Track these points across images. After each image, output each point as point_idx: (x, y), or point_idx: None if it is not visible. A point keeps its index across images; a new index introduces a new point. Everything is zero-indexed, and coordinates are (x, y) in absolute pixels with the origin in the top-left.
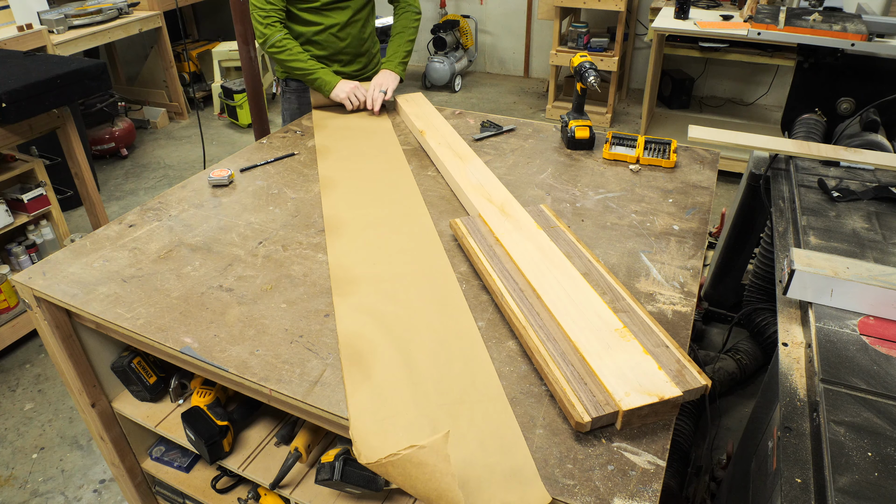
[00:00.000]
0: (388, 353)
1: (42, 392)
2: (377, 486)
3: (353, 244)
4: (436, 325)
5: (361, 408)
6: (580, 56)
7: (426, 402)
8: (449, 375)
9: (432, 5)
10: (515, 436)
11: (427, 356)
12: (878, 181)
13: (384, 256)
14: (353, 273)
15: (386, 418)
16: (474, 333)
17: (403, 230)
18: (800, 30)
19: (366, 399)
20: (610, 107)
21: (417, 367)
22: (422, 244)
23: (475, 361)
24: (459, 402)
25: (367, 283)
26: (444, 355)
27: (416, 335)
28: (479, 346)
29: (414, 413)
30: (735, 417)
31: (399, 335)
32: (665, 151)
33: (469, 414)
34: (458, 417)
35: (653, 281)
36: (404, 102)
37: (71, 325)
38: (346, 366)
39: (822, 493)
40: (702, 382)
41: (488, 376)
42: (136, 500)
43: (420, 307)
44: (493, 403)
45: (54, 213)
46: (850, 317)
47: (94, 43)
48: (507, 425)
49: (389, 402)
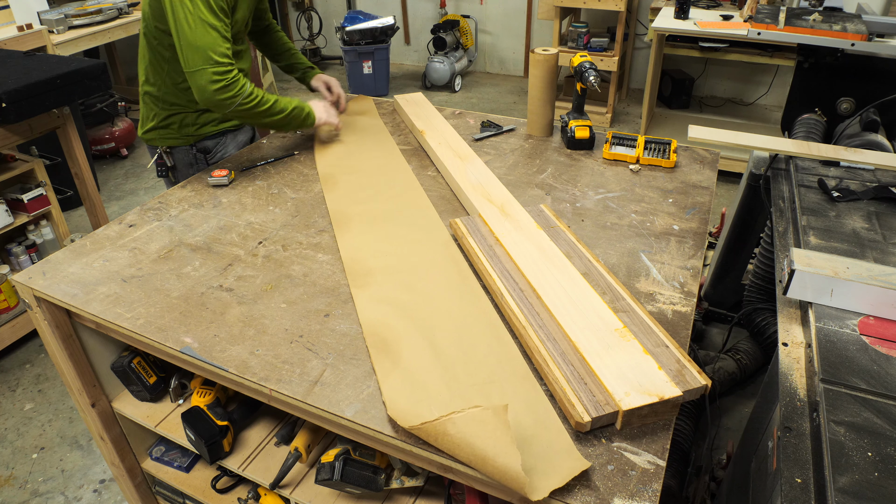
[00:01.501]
0: (413, 339)
1: (42, 392)
2: (377, 486)
3: (363, 237)
4: (455, 310)
5: (395, 392)
6: (580, 56)
7: (457, 383)
8: (475, 358)
9: (432, 5)
10: (547, 410)
11: (451, 340)
12: (878, 181)
13: (395, 247)
14: (367, 265)
15: (420, 401)
16: (493, 316)
17: (410, 222)
18: (800, 30)
19: (398, 384)
20: (610, 107)
21: (443, 351)
22: (430, 234)
23: (498, 343)
24: (489, 382)
25: (382, 274)
26: (468, 339)
27: (437, 321)
28: (500, 329)
29: (447, 394)
30: (735, 417)
31: (421, 321)
32: (665, 151)
33: (500, 392)
34: (490, 396)
35: (653, 281)
36: (404, 102)
37: (71, 325)
38: (373, 354)
39: (822, 493)
40: (702, 382)
41: (513, 356)
42: (136, 500)
43: (437, 294)
44: (521, 382)
45: (54, 213)
46: (850, 317)
47: (94, 43)
48: (538, 401)
49: (421, 385)
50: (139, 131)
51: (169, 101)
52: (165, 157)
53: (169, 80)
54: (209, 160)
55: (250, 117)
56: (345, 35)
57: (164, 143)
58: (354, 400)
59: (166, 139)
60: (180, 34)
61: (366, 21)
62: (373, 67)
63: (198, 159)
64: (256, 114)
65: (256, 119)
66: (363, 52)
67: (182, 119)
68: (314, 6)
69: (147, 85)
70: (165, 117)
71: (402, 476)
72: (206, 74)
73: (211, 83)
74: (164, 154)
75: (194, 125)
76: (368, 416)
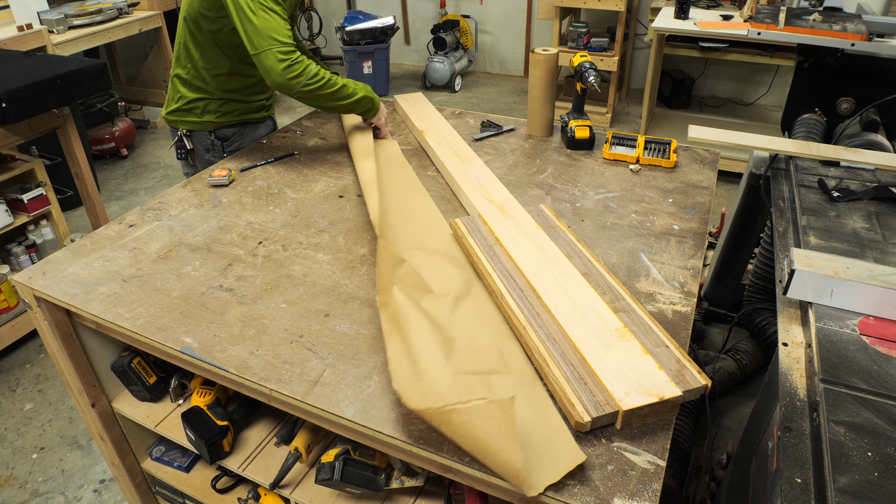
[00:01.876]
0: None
1: (42, 392)
2: (377, 486)
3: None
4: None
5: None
6: (580, 56)
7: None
8: (481, 348)
9: (432, 5)
10: (547, 404)
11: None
12: (878, 181)
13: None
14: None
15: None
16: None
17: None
18: (800, 30)
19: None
20: (610, 107)
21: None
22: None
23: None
24: (492, 373)
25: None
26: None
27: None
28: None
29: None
30: (735, 417)
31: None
32: (665, 151)
33: (501, 383)
34: (492, 387)
35: (653, 281)
36: (404, 102)
37: (71, 325)
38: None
39: (822, 493)
40: (702, 382)
41: (515, 351)
42: (136, 500)
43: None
44: (522, 376)
45: (54, 213)
46: (850, 317)
47: (94, 43)
48: (538, 394)
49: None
50: (163, 112)
51: (195, 86)
52: (185, 140)
53: (200, 64)
54: (226, 148)
55: (317, 99)
56: (345, 35)
57: (185, 126)
58: (354, 400)
59: (187, 122)
60: (243, 20)
61: (366, 21)
62: (373, 67)
63: (215, 146)
64: (322, 96)
65: (323, 102)
66: (363, 52)
67: (206, 105)
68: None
69: (178, 67)
70: (190, 101)
71: (402, 476)
72: (272, 55)
73: (279, 62)
74: (184, 137)
75: (216, 112)
76: (368, 416)
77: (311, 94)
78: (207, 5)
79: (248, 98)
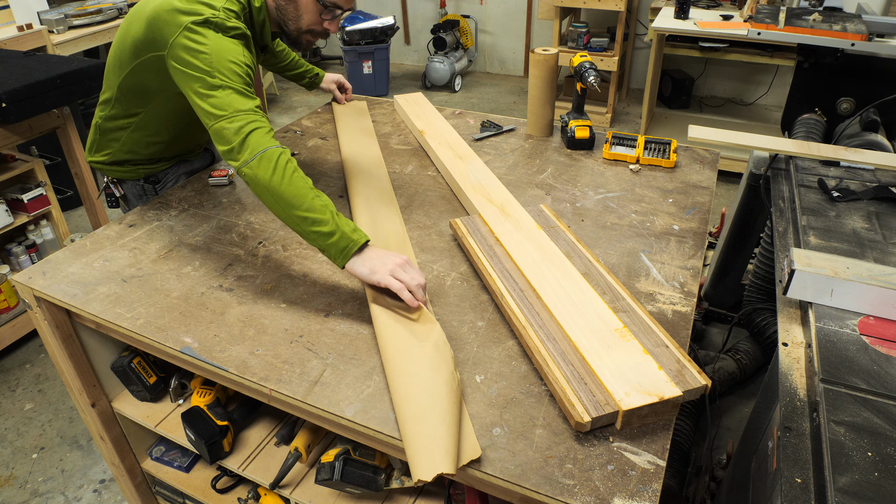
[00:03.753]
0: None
1: (42, 392)
2: (377, 486)
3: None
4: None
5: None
6: (580, 56)
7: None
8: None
9: (432, 5)
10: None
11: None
12: (878, 181)
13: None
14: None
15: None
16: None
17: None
18: (800, 30)
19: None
20: (610, 107)
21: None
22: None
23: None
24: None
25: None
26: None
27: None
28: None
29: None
30: (735, 417)
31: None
32: (665, 151)
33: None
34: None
35: (653, 281)
36: (404, 102)
37: (71, 325)
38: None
39: (822, 493)
40: (702, 382)
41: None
42: (136, 500)
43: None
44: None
45: (54, 213)
46: (850, 317)
47: (94, 43)
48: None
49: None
50: (86, 155)
51: (126, 149)
52: (114, 188)
53: (136, 133)
54: (158, 190)
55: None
56: (345, 35)
57: (112, 174)
58: (354, 400)
59: (114, 171)
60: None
61: (366, 21)
62: (373, 67)
63: (146, 190)
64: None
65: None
66: (363, 52)
67: (135, 164)
68: None
69: (108, 121)
70: (118, 160)
71: (402, 476)
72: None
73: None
74: (111, 184)
75: (146, 165)
76: (368, 416)
77: (269, 186)
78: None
79: (188, 145)
